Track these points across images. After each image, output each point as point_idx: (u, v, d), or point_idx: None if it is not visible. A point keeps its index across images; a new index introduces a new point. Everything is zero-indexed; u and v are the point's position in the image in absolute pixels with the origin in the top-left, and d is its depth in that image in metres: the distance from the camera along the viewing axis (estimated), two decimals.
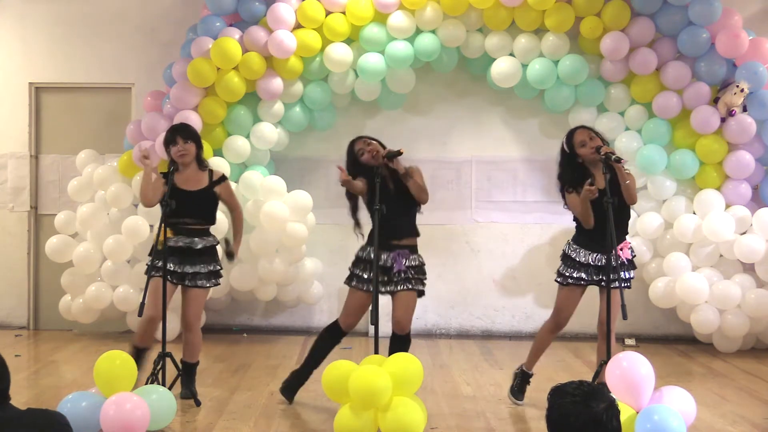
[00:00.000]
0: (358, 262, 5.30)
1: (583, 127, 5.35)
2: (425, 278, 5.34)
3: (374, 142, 5.33)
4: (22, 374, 6.18)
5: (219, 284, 5.66)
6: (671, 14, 7.30)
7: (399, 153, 5.13)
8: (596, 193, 4.95)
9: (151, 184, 5.36)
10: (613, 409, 2.53)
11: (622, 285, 4.98)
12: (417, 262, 5.27)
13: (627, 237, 5.31)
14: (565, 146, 5.28)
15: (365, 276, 5.21)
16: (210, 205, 5.55)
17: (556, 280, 5.40)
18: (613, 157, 4.98)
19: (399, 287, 5.18)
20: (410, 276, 5.21)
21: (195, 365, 5.59)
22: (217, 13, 7.54)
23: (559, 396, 2.56)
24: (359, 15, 7.40)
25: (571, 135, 5.27)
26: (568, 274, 5.28)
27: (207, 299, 7.30)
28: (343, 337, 5.43)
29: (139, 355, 5.31)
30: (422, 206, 5.33)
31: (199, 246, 5.41)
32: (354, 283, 5.28)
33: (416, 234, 5.32)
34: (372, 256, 5.08)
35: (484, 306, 8.19)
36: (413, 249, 5.28)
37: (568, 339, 7.90)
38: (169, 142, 5.49)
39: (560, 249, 5.47)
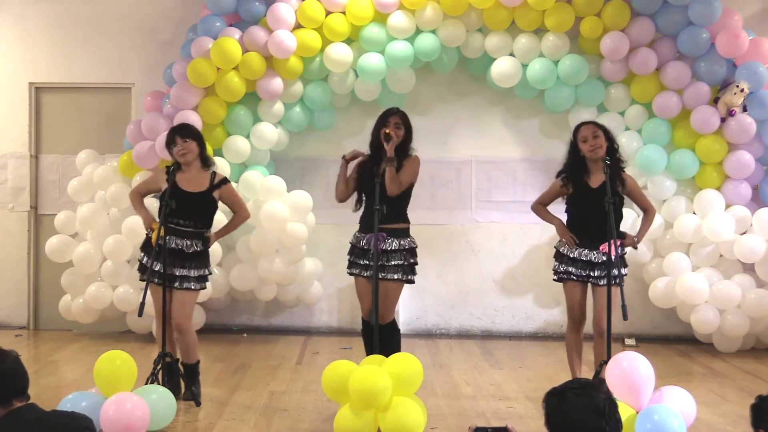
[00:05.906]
0: (351, 248, 5.36)
1: (591, 123, 5.48)
2: (416, 262, 5.28)
3: (403, 129, 5.25)
4: None
5: (206, 288, 5.58)
6: (671, 14, 7.30)
7: (387, 136, 5.13)
8: (574, 245, 5.31)
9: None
10: (612, 401, 2.55)
11: (613, 282, 5.00)
12: (405, 246, 5.20)
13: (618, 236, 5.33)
14: (572, 137, 5.44)
15: (358, 261, 5.27)
16: (206, 209, 5.49)
17: (553, 279, 5.51)
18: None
19: (387, 275, 5.14)
20: (399, 263, 5.17)
21: (195, 365, 5.52)
22: (217, 13, 7.54)
23: (558, 397, 2.56)
24: (359, 15, 7.40)
25: (577, 129, 5.42)
26: (559, 269, 5.41)
27: (205, 300, 7.36)
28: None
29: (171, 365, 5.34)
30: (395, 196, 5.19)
31: (190, 250, 5.38)
32: (351, 270, 5.33)
33: (403, 220, 5.27)
34: (360, 242, 5.24)
35: (484, 306, 8.18)
36: (398, 233, 5.20)
37: None
38: (169, 143, 5.50)
39: None
